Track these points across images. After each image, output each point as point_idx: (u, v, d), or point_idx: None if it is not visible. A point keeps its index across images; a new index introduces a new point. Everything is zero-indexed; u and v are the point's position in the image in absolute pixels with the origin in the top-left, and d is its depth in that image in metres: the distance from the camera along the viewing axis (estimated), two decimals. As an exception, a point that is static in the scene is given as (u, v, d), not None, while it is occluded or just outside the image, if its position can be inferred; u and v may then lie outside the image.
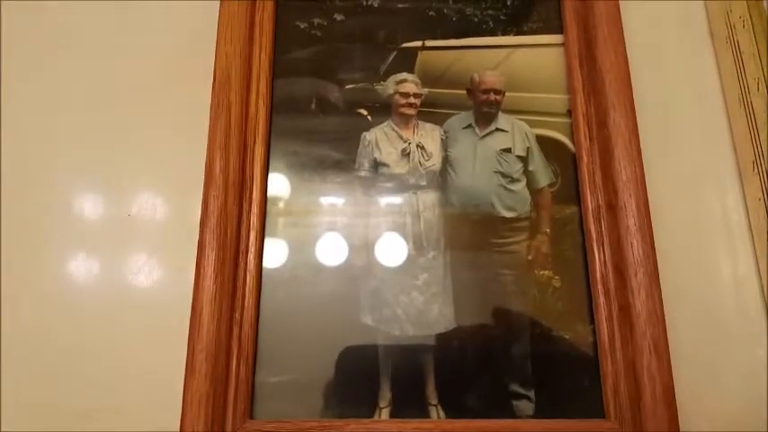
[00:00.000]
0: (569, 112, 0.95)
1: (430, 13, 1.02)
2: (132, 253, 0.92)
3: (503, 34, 1.01)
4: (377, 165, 0.94)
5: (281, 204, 0.92)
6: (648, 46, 1.00)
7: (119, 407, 0.85)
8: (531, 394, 0.83)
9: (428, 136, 0.95)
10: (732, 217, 0.93)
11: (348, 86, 0.98)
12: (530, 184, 0.93)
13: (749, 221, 0.93)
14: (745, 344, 0.88)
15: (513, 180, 0.93)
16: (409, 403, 0.83)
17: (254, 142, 0.91)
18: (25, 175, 0.96)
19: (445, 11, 1.02)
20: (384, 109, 0.97)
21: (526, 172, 0.93)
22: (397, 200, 0.93)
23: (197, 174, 0.87)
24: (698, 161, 0.96)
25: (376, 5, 1.02)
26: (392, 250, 0.90)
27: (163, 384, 0.83)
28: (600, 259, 0.87)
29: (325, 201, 0.93)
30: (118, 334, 0.88)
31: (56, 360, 0.88)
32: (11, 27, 1.04)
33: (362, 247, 0.90)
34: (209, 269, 0.81)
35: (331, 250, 0.90)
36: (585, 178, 0.91)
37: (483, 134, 0.95)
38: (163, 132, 0.97)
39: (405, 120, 0.96)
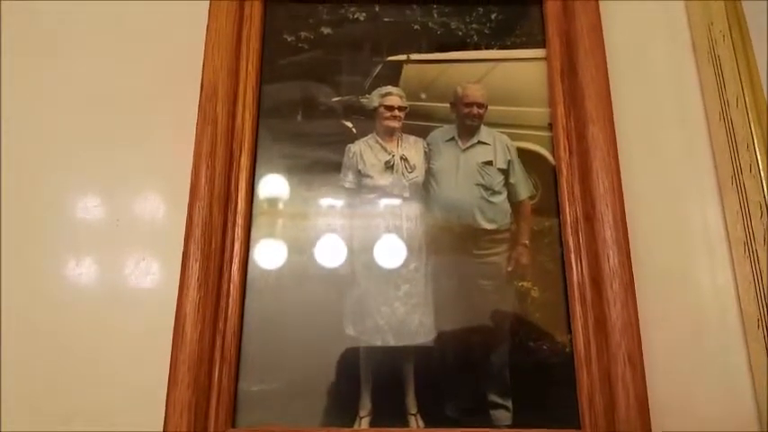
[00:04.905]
0: (550, 126, 0.97)
1: (415, 27, 1.03)
2: (119, 260, 0.93)
3: (486, 48, 1.02)
4: (361, 176, 0.95)
5: (267, 215, 0.93)
6: (631, 59, 1.02)
7: (102, 413, 0.86)
8: (509, 404, 0.85)
9: (411, 148, 0.97)
10: (711, 229, 0.95)
11: (334, 99, 1.00)
12: (510, 197, 0.94)
13: (728, 234, 0.94)
14: (722, 355, 0.89)
15: (495, 192, 0.95)
16: (389, 412, 0.85)
17: (240, 154, 0.93)
18: (14, 180, 0.97)
19: (430, 25, 1.04)
20: (369, 121, 0.98)
21: (507, 184, 0.95)
22: (380, 211, 0.94)
23: (186, 183, 0.89)
24: (679, 174, 0.98)
25: (362, 19, 1.04)
26: (375, 261, 0.92)
27: (148, 391, 0.84)
28: (577, 270, 0.88)
29: (311, 212, 0.94)
30: (103, 341, 0.89)
31: (40, 365, 0.89)
32: (6, 31, 1.05)
33: (346, 258, 0.92)
34: (193, 279, 0.83)
35: (315, 261, 0.92)
36: (565, 191, 0.92)
37: (465, 147, 0.97)
38: (153, 142, 0.98)
39: (389, 132, 0.98)
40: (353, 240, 0.93)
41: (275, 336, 0.88)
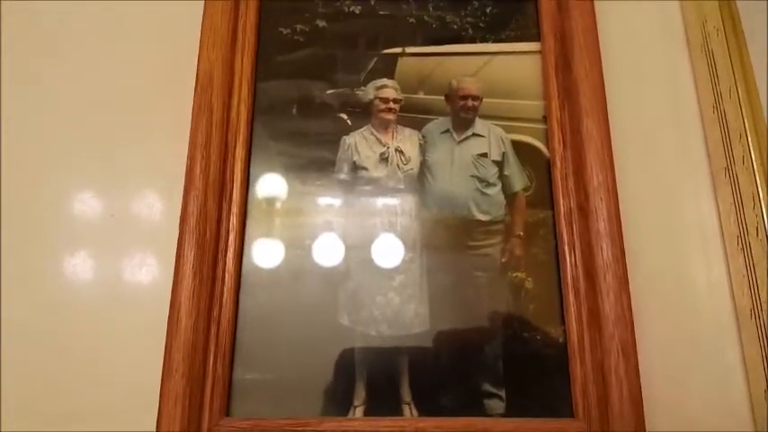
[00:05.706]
0: (544, 119, 0.97)
1: (410, 21, 1.04)
2: (115, 253, 0.93)
3: (481, 42, 1.03)
4: (356, 168, 0.96)
5: (262, 206, 0.94)
6: (626, 53, 1.03)
7: (102, 413, 0.86)
8: (503, 393, 0.85)
9: (407, 140, 0.97)
10: (705, 221, 0.95)
11: (329, 91, 1.00)
12: (505, 189, 0.95)
13: (721, 226, 0.94)
14: (715, 347, 0.90)
15: (489, 184, 0.95)
16: (383, 402, 0.85)
17: (236, 144, 0.93)
18: (14, 179, 0.97)
19: (426, 18, 1.04)
20: (364, 114, 0.99)
21: (501, 176, 0.95)
22: (374, 203, 0.94)
23: (183, 181, 0.89)
24: (672, 167, 0.98)
25: (358, 12, 1.04)
26: (370, 252, 0.92)
27: (148, 390, 0.82)
28: (571, 262, 0.89)
29: (305, 203, 0.94)
30: (103, 340, 0.89)
31: (39, 365, 0.89)
32: (6, 31, 1.05)
33: (341, 249, 0.92)
34: (188, 268, 0.83)
35: (310, 251, 0.92)
36: (559, 183, 0.93)
37: (460, 139, 0.97)
38: (151, 141, 0.98)
39: (384, 124, 0.98)
40: (348, 231, 0.93)
41: (270, 325, 0.88)
